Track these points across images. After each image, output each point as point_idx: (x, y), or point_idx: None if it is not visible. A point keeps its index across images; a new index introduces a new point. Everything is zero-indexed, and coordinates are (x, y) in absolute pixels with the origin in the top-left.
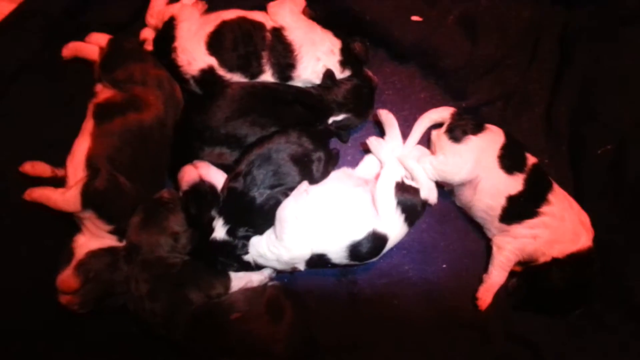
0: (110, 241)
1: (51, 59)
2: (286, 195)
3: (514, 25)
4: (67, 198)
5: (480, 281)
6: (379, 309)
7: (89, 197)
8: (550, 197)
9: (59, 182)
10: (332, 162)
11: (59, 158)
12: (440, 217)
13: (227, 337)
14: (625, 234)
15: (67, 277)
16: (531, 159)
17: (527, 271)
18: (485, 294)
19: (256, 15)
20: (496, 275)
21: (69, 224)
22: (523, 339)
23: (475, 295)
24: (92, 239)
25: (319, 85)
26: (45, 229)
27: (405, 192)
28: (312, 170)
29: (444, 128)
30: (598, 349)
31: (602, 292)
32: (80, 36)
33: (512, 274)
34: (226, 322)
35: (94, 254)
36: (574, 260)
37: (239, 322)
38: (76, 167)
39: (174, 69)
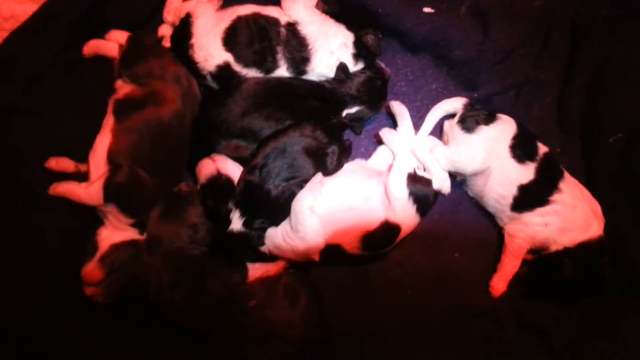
0: (132, 234)
1: (73, 57)
2: (301, 187)
3: (525, 15)
4: (90, 192)
5: (492, 270)
6: (392, 298)
7: (111, 191)
8: (562, 185)
9: (82, 177)
10: (345, 154)
11: (82, 154)
12: (452, 207)
13: (245, 323)
14: (637, 223)
15: (91, 269)
16: (542, 148)
17: (538, 260)
18: (499, 283)
19: (270, 11)
20: (509, 264)
21: (93, 218)
22: (534, 327)
23: (489, 283)
24: (115, 232)
25: (332, 79)
26: (70, 223)
27: (418, 183)
28: (326, 162)
29: (456, 118)
30: (608, 337)
31: (613, 281)
32: (100, 34)
33: (523, 262)
34: (244, 309)
35: (116, 247)
36: (585, 249)
37: (257, 309)
38: (98, 162)
39: (192, 65)
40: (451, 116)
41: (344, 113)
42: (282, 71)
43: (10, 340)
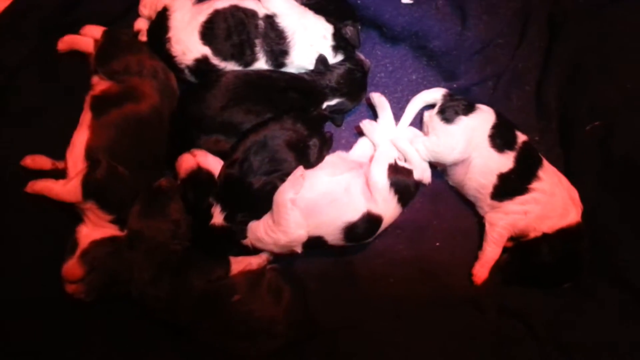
0: (113, 230)
1: (47, 52)
2: (282, 180)
3: (503, 6)
4: (68, 189)
5: (474, 258)
6: (376, 288)
7: (90, 188)
8: (541, 173)
9: (59, 174)
10: (326, 147)
11: (58, 151)
12: (434, 197)
13: (229, 318)
14: (613, 209)
15: (72, 266)
16: (521, 137)
17: (518, 246)
18: (481, 270)
19: (248, 3)
20: (490, 251)
21: (71, 216)
22: (516, 313)
23: (471, 271)
24: (95, 229)
25: (312, 71)
26: (47, 221)
27: (399, 173)
28: (307, 155)
29: (436, 109)
30: (589, 322)
31: (592, 266)
32: (75, 29)
33: (504, 249)
34: (228, 304)
35: (97, 243)
36: (563, 235)
37: (240, 304)
38: (76, 159)
39: (169, 59)
40: (431, 106)
41: (324, 105)
42: (261, 64)
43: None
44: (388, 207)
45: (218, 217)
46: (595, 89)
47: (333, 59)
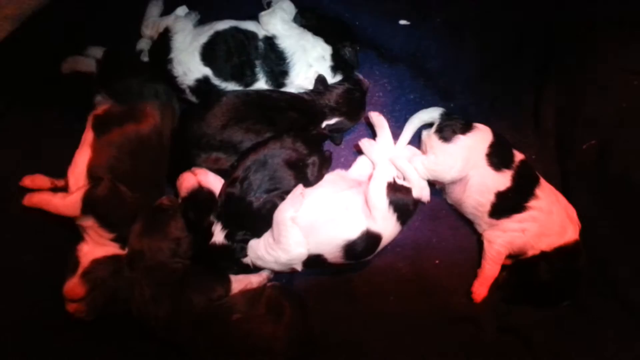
0: (113, 249)
1: (51, 73)
2: (282, 198)
3: (500, 26)
4: (67, 202)
5: (473, 275)
6: (376, 305)
7: (90, 203)
8: (538, 191)
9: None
10: (325, 165)
11: (58, 170)
12: (432, 215)
13: (229, 337)
14: (610, 227)
15: (73, 286)
16: (518, 156)
17: (516, 264)
18: (480, 288)
19: (248, 25)
20: (489, 269)
21: (73, 235)
22: (515, 331)
23: (471, 289)
24: (96, 247)
25: (311, 91)
26: (48, 240)
27: (398, 192)
28: (307, 173)
29: (433, 128)
30: (587, 339)
31: (590, 284)
32: (79, 50)
33: (502, 267)
34: (228, 323)
35: (98, 262)
36: (561, 253)
37: (240, 322)
38: (78, 177)
39: (170, 80)
40: (429, 125)
41: (324, 124)
42: (261, 84)
43: None
44: (387, 225)
45: (219, 235)
46: (592, 107)
47: (332, 79)
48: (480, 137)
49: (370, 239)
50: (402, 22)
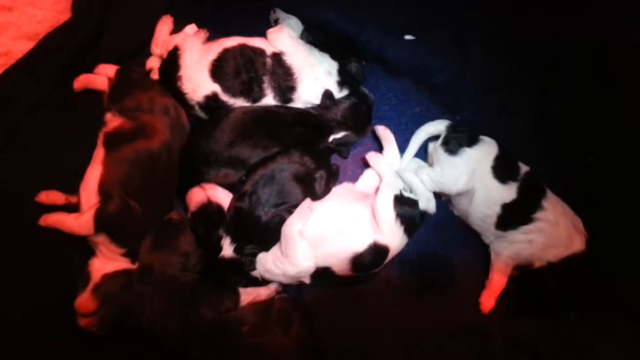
0: (124, 264)
1: (64, 91)
2: (290, 212)
3: (504, 39)
4: (80, 223)
5: (480, 286)
6: (383, 318)
7: (102, 221)
8: (544, 203)
9: (73, 209)
10: (333, 179)
11: (72, 186)
12: (439, 227)
13: (238, 350)
14: (617, 237)
15: (84, 300)
16: (524, 168)
17: (524, 276)
18: (488, 299)
19: (256, 42)
20: (497, 280)
21: (85, 249)
22: (523, 342)
23: (479, 300)
24: (107, 262)
25: (318, 106)
26: (62, 254)
27: (404, 205)
28: (314, 187)
29: (439, 141)
30: (596, 351)
31: (599, 296)
32: (90, 68)
33: (510, 278)
34: (237, 335)
35: (109, 277)
36: (568, 263)
37: (250, 334)
38: (89, 194)
39: (180, 96)
40: (435, 138)
41: (331, 138)
42: (269, 100)
43: None
44: (394, 238)
45: (227, 249)
46: (598, 119)
47: (338, 93)
48: (486, 149)
49: (378, 251)
50: (408, 37)
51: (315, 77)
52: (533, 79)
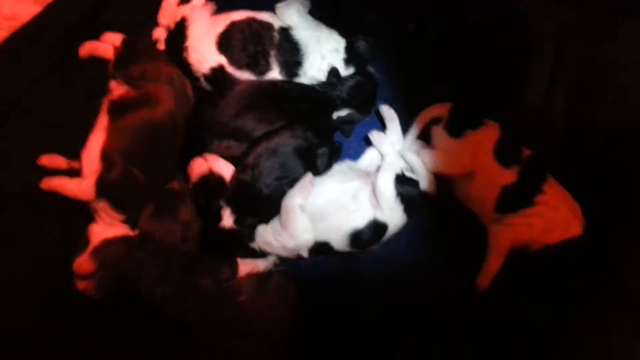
0: (124, 230)
1: (69, 58)
2: (291, 186)
3: (508, 23)
4: (82, 188)
5: (477, 268)
6: (380, 294)
7: (104, 187)
8: (545, 187)
9: (74, 174)
10: (335, 155)
11: (75, 152)
12: (439, 207)
13: (235, 319)
14: (616, 226)
15: (83, 262)
16: (526, 152)
17: (521, 259)
18: (485, 280)
19: (264, 16)
20: (493, 262)
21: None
22: (518, 325)
23: (475, 280)
24: (107, 228)
25: (324, 82)
26: (65, 218)
27: (405, 184)
28: (316, 163)
29: (442, 123)
30: (592, 338)
31: (596, 283)
32: (96, 36)
33: (506, 261)
34: (234, 304)
35: (108, 242)
36: (564, 247)
37: (247, 304)
38: (91, 160)
39: (186, 67)
40: (438, 120)
41: (335, 115)
42: (275, 74)
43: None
44: (394, 216)
45: (227, 219)
46: (601, 105)
47: (344, 71)
48: (488, 132)
49: (377, 228)
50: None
51: (322, 54)
52: (538, 62)
